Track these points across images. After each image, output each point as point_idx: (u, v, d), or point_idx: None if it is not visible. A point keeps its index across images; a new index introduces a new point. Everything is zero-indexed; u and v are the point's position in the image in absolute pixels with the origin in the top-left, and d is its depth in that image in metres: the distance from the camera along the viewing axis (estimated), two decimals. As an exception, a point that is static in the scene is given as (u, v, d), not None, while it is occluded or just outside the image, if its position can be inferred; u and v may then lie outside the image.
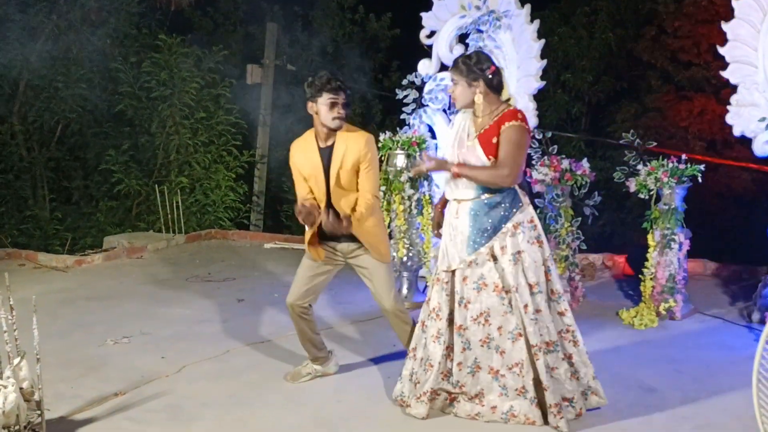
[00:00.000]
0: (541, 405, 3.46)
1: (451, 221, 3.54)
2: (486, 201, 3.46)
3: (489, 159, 3.46)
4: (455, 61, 3.61)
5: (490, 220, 3.44)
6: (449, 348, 3.54)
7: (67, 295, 6.09)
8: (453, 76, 3.55)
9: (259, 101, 11.98)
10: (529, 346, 3.42)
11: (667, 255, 5.29)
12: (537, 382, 3.45)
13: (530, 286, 3.43)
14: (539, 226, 3.53)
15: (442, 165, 3.54)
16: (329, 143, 3.78)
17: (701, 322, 5.29)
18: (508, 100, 3.60)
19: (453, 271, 3.52)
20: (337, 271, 4.00)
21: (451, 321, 3.53)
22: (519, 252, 3.43)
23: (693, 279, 6.16)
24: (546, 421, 3.45)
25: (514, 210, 3.46)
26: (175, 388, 4.00)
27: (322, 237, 3.82)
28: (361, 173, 3.75)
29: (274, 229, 11.42)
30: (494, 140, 3.44)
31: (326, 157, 3.77)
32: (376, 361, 4.39)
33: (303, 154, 3.85)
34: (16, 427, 3.19)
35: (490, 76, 3.49)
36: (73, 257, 7.34)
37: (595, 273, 6.61)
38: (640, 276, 5.46)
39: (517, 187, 3.53)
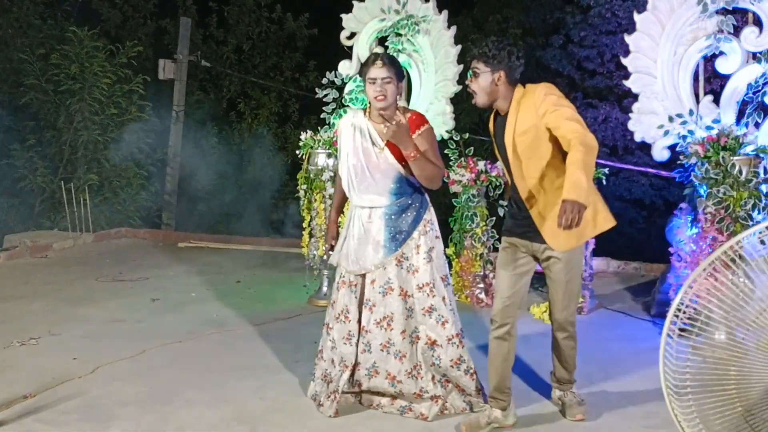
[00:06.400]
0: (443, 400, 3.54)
1: (364, 224, 3.56)
2: (398, 205, 3.54)
3: (402, 165, 3.49)
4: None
5: (403, 223, 3.52)
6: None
7: (-33, 295, 5.78)
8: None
9: (171, 97, 11.72)
10: (434, 344, 3.47)
11: (575, 253, 5.55)
12: (441, 378, 3.52)
13: (442, 279, 3.55)
14: (436, 222, 3.66)
15: (404, 139, 3.31)
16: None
17: (606, 316, 5.57)
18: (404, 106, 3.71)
19: (363, 274, 3.57)
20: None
21: (360, 322, 3.57)
22: (431, 248, 3.55)
23: (597, 276, 6.48)
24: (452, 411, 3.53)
25: (422, 210, 3.56)
26: (89, 389, 3.88)
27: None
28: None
29: (187, 228, 11.18)
30: None
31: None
32: (298, 358, 4.39)
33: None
34: None
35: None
36: (-29, 256, 6.97)
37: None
38: (549, 273, 5.70)
39: (423, 188, 3.63)
